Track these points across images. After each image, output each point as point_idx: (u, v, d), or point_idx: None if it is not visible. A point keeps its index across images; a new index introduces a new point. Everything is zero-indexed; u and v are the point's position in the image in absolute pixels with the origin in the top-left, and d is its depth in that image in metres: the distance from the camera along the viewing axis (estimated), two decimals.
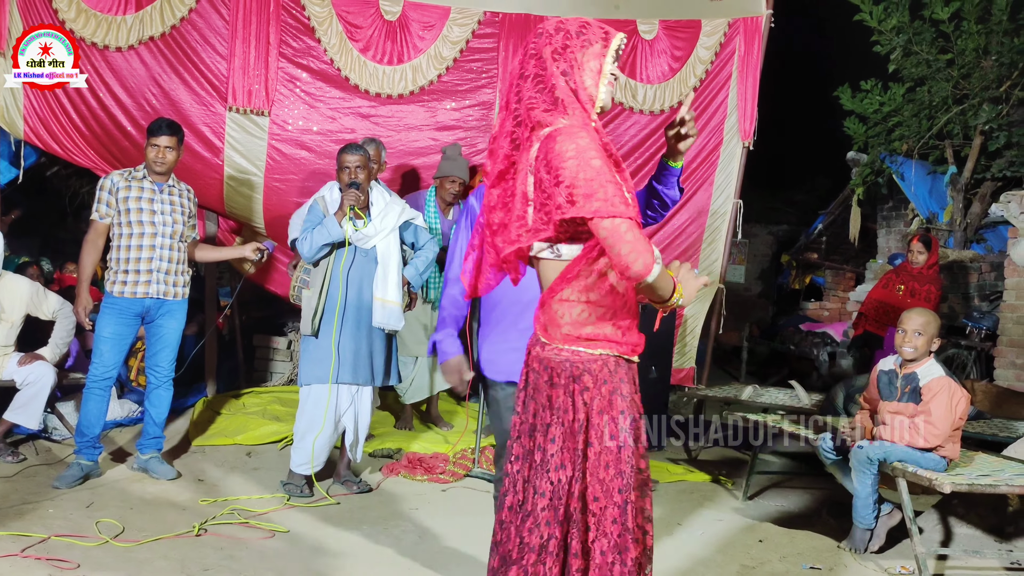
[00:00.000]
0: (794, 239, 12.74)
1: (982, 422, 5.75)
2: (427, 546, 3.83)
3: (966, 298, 7.93)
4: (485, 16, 6.14)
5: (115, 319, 4.36)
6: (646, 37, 6.24)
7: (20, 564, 3.27)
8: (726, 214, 6.35)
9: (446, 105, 6.20)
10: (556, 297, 2.16)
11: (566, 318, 2.15)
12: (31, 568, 3.24)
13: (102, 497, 4.15)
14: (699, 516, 4.55)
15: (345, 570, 3.54)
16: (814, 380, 9.18)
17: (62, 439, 5.12)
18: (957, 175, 8.39)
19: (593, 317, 2.14)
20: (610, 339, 2.15)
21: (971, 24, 8.08)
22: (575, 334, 2.14)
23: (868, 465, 4.01)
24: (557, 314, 2.15)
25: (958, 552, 4.10)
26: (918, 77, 8.55)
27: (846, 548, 4.13)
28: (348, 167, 4.40)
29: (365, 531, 3.96)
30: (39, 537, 3.53)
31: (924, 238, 6.70)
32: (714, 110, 6.31)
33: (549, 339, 2.17)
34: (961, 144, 8.52)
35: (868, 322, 6.82)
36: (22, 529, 3.61)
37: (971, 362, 7.35)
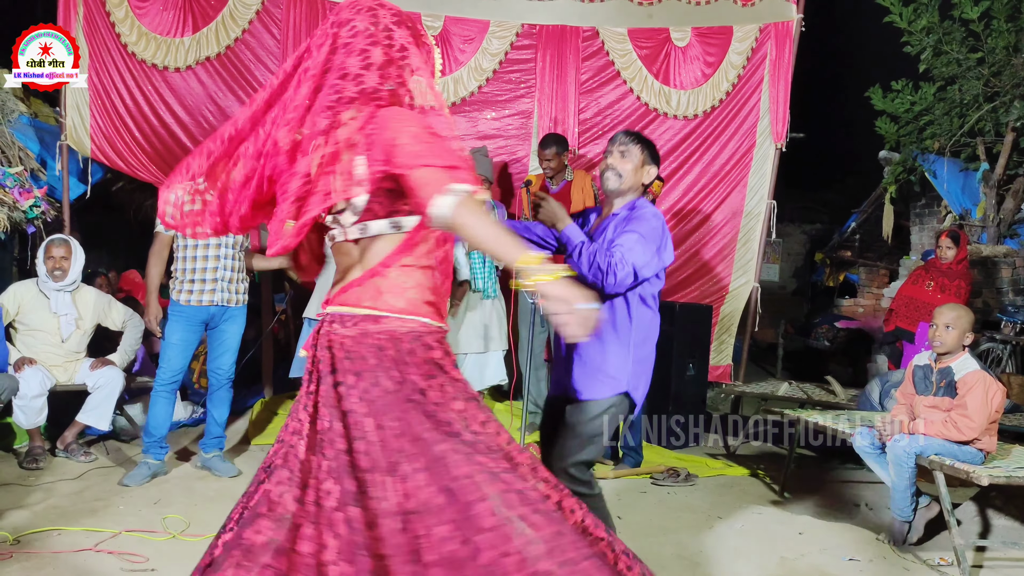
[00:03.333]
0: (827, 238, 12.58)
1: (1018, 415, 5.65)
2: None
3: (1000, 293, 7.78)
4: (523, 28, 6.19)
5: (182, 326, 4.44)
6: (679, 44, 6.22)
7: (94, 558, 3.34)
8: (760, 214, 6.31)
9: (487, 115, 6.25)
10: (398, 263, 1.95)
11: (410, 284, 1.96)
12: (104, 562, 3.30)
13: (168, 494, 4.23)
14: (739, 509, 4.53)
15: None
16: (850, 376, 9.08)
17: (130, 439, 5.24)
18: (989, 172, 8.23)
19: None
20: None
21: (1001, 22, 7.93)
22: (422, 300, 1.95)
23: (905, 459, 3.96)
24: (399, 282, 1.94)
25: (997, 544, 4.03)
26: (949, 76, 8.41)
27: (885, 540, 4.08)
28: None
29: None
30: (111, 532, 3.60)
31: (952, 234, 6.59)
32: (747, 113, 6.28)
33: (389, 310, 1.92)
34: (993, 141, 8.36)
35: (899, 318, 6.72)
36: (95, 525, 3.69)
37: (1006, 356, 7.21)
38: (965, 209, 8.50)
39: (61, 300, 4.84)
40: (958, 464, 3.79)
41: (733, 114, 6.26)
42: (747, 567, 3.67)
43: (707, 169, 6.31)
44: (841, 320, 10.00)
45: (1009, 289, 7.70)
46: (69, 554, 3.36)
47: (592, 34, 6.23)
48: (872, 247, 11.19)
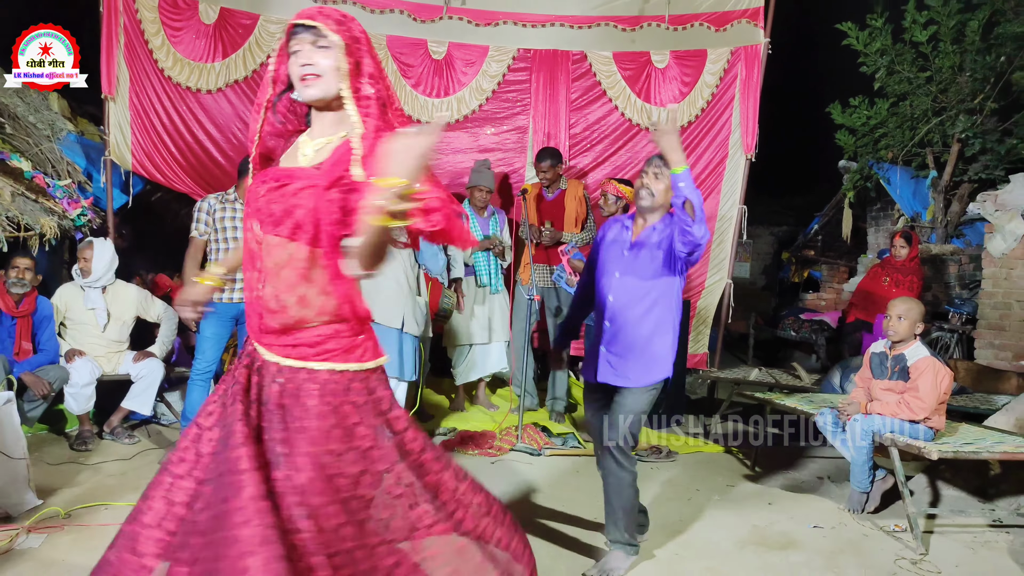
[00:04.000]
0: (793, 238, 12.58)
1: (964, 396, 5.65)
2: None
3: (948, 287, 7.79)
4: (519, 52, 6.18)
5: (215, 321, 4.43)
6: (659, 66, 6.21)
7: None
8: (732, 218, 6.30)
9: (487, 131, 6.24)
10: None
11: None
12: None
13: None
14: (715, 483, 4.53)
15: None
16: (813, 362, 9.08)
17: (170, 423, 5.25)
18: (937, 178, 8.24)
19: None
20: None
21: (947, 45, 7.94)
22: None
23: (864, 436, 3.97)
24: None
25: (946, 512, 4.04)
26: (901, 93, 8.42)
27: (846, 509, 4.09)
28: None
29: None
30: None
31: (905, 234, 6.60)
32: (720, 127, 6.27)
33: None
34: (941, 151, 8.36)
35: (858, 310, 6.72)
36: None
37: (953, 344, 7.22)
38: (916, 212, 8.51)
39: (92, 295, 4.84)
40: (911, 441, 3.80)
41: (707, 128, 6.25)
42: (723, 534, 3.68)
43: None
44: (806, 312, 10.00)
45: (956, 283, 7.71)
46: (115, 527, 3.34)
47: (581, 57, 6.22)
48: (833, 247, 11.19)
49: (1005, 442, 3.90)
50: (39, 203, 5.10)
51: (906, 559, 3.45)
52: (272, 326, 1.87)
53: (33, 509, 3.48)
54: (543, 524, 3.67)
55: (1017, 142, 7.63)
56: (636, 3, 6.08)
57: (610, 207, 5.01)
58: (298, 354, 1.85)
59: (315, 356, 1.85)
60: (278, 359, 1.86)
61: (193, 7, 5.64)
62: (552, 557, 3.27)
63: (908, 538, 3.69)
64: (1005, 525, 3.87)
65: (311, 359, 1.85)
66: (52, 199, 5.27)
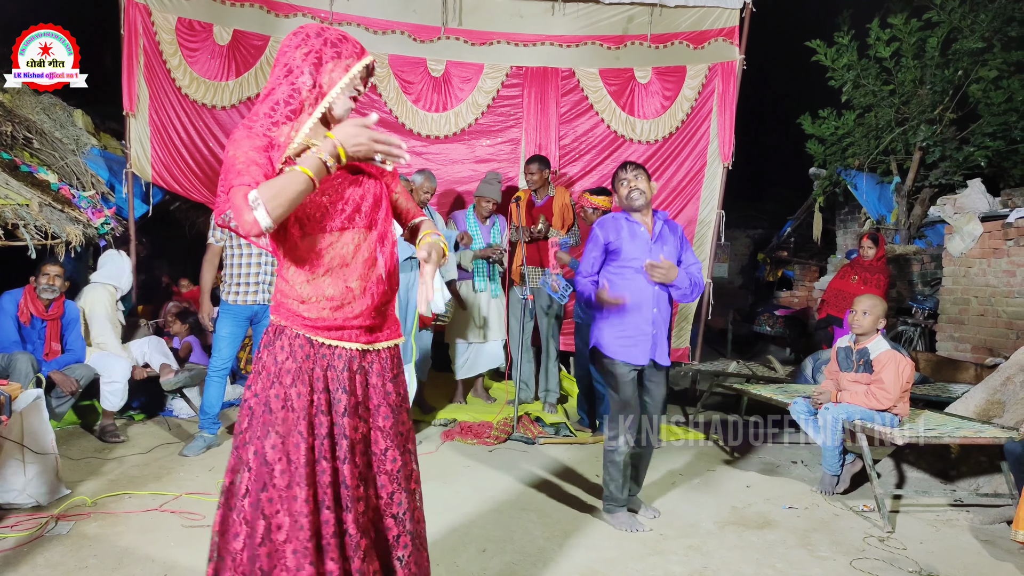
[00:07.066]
0: (768, 240, 12.61)
1: (926, 385, 5.67)
2: (479, 496, 3.86)
3: (911, 285, 7.81)
4: (512, 70, 6.18)
5: (231, 322, 4.43)
6: (642, 81, 6.22)
7: (159, 517, 3.35)
8: (711, 222, 6.31)
9: (482, 143, 6.25)
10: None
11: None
12: (167, 520, 3.31)
13: (221, 463, 4.22)
14: (696, 468, 4.54)
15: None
16: (787, 355, 9.10)
17: (188, 417, 5.23)
18: (901, 184, 8.27)
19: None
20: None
21: (909, 60, 7.97)
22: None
23: (834, 423, 3.98)
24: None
25: (910, 493, 4.05)
26: (866, 105, 8.45)
27: (818, 491, 4.10)
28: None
29: (431, 486, 3.98)
30: (173, 495, 3.61)
31: (873, 235, 6.62)
32: (699, 138, 6.28)
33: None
34: (903, 158, 8.39)
35: (829, 307, 6.74)
36: (159, 489, 3.70)
37: (917, 337, 7.25)
38: (881, 215, 8.53)
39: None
40: (877, 427, 3.82)
41: (687, 139, 6.26)
42: (704, 514, 3.69)
43: (667, 185, 6.32)
44: (780, 309, 10.03)
45: (919, 281, 7.73)
46: (138, 514, 3.36)
47: (569, 74, 6.23)
48: (805, 248, 11.22)
49: (964, 427, 3.91)
50: (65, 213, 5.09)
51: (874, 536, 3.46)
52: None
53: (62, 498, 3.48)
54: (538, 506, 3.67)
55: (974, 150, 7.67)
56: (620, 23, 6.09)
57: (590, 217, 5.20)
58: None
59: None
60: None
61: (208, 29, 5.63)
62: (546, 538, 3.27)
63: (876, 517, 3.70)
64: (965, 504, 3.89)
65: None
66: (77, 209, 5.25)
